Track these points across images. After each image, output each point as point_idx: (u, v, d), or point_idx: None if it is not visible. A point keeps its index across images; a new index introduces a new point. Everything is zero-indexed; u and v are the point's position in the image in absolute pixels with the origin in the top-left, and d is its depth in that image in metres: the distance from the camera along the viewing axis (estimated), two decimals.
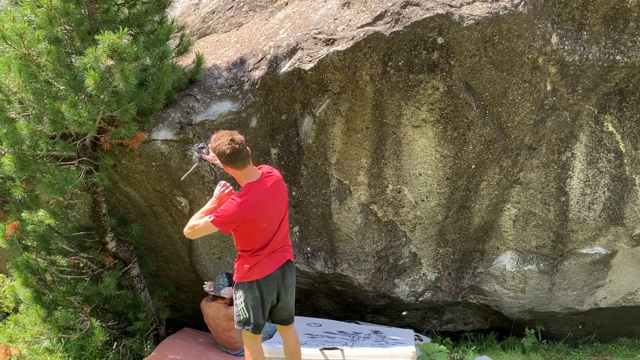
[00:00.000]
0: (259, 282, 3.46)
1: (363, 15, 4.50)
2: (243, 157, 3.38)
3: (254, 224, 3.38)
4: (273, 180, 3.51)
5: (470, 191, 5.01)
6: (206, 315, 4.89)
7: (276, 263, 3.50)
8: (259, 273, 3.45)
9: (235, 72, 4.79)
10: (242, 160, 3.39)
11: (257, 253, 3.44)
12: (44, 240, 4.70)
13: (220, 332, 4.86)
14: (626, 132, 4.99)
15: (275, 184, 3.52)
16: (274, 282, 3.50)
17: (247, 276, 3.46)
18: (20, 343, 4.59)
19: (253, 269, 3.44)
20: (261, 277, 3.45)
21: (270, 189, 3.46)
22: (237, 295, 3.54)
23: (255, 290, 3.46)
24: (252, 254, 3.45)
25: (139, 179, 4.72)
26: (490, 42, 4.43)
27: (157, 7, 4.63)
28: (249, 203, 3.34)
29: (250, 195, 3.37)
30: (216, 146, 3.38)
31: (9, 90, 4.00)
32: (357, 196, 5.01)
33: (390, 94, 4.60)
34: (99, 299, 4.78)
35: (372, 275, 5.25)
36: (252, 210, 3.34)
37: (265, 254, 3.45)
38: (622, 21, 4.67)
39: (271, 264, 3.48)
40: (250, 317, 3.48)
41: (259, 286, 3.47)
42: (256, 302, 3.47)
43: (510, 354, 5.39)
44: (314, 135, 4.87)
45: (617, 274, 5.43)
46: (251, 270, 3.44)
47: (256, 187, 3.42)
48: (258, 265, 3.45)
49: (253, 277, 3.45)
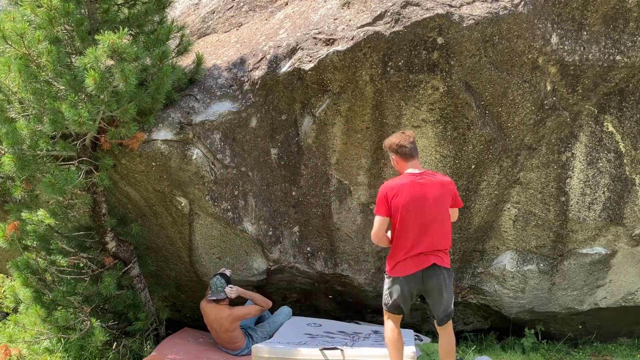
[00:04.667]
0: (399, 279, 3.67)
1: (363, 15, 4.50)
2: (411, 149, 3.69)
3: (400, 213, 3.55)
4: (433, 181, 3.66)
5: (470, 191, 5.01)
6: (207, 315, 4.89)
7: (419, 265, 3.62)
8: (398, 272, 3.66)
9: (235, 72, 4.79)
10: (410, 152, 3.69)
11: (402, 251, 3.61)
12: (44, 240, 4.69)
13: (222, 332, 4.86)
14: (626, 132, 4.99)
15: (434, 185, 3.65)
16: (417, 282, 3.65)
17: (392, 271, 3.70)
18: (20, 343, 4.59)
19: (395, 266, 3.66)
20: (402, 276, 3.65)
21: (424, 187, 3.61)
22: (384, 282, 3.82)
23: (398, 285, 3.69)
24: (398, 252, 3.63)
25: (139, 179, 4.72)
26: (490, 42, 4.43)
27: (157, 7, 4.62)
28: (391, 184, 3.62)
29: (402, 178, 3.65)
30: (388, 140, 3.76)
31: (9, 90, 4.00)
32: (357, 196, 5.01)
33: (390, 94, 4.60)
34: (99, 299, 4.77)
35: (372, 275, 5.25)
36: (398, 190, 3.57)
37: (410, 254, 3.60)
38: (622, 21, 4.67)
39: (413, 265, 3.62)
40: (391, 303, 3.75)
41: (401, 283, 3.67)
42: (398, 295, 3.70)
43: (510, 354, 5.39)
44: (314, 135, 4.87)
45: (617, 274, 5.43)
46: (394, 268, 3.67)
47: (409, 177, 3.65)
48: (400, 265, 3.64)
49: (399, 274, 3.66)
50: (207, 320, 4.94)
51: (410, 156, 3.69)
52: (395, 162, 3.76)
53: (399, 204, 3.54)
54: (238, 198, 4.85)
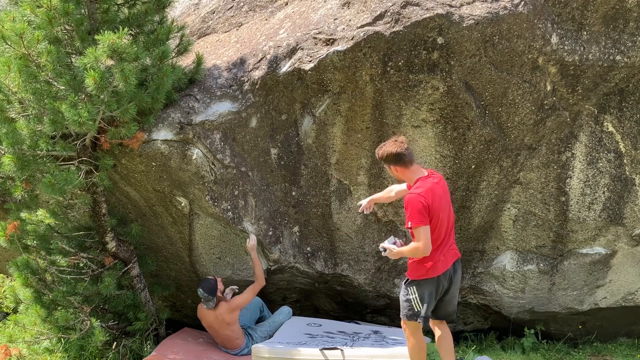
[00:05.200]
0: (435, 279, 3.68)
1: (363, 15, 4.50)
2: (409, 154, 3.68)
3: (435, 215, 3.59)
4: (440, 178, 3.76)
5: (470, 191, 5.01)
6: (205, 318, 4.92)
7: (450, 260, 3.73)
8: (437, 270, 3.67)
9: (235, 72, 4.79)
10: (410, 158, 3.68)
11: (436, 250, 3.64)
12: (44, 240, 4.70)
13: (221, 329, 4.88)
14: (626, 132, 4.99)
15: (442, 182, 3.78)
16: (447, 277, 3.75)
17: (426, 274, 3.67)
18: (20, 343, 4.59)
19: (433, 266, 3.65)
20: (439, 274, 3.67)
21: (438, 185, 3.70)
22: (409, 290, 3.74)
23: (432, 286, 3.69)
24: (434, 252, 3.63)
25: (139, 179, 4.72)
26: (490, 42, 4.43)
27: (157, 7, 4.62)
28: (422, 192, 3.57)
29: (423, 184, 3.62)
30: (383, 151, 3.69)
31: (9, 90, 4.00)
32: (357, 196, 5.01)
33: (390, 94, 4.60)
34: (99, 299, 4.78)
35: (372, 275, 5.26)
36: (430, 195, 3.57)
37: (443, 251, 3.69)
38: (622, 21, 4.67)
39: (446, 261, 3.72)
40: (422, 310, 3.70)
41: (436, 283, 3.69)
42: (431, 297, 3.71)
43: (510, 354, 5.39)
44: (314, 135, 4.87)
45: (617, 274, 5.43)
46: (432, 268, 3.66)
47: (427, 180, 3.66)
48: (438, 262, 3.66)
49: (431, 275, 3.67)
50: (205, 323, 4.96)
51: (411, 162, 3.70)
52: (396, 171, 3.72)
53: (434, 209, 3.58)
54: (238, 198, 4.85)
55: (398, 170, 3.70)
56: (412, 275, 3.73)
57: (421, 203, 3.52)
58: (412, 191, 3.63)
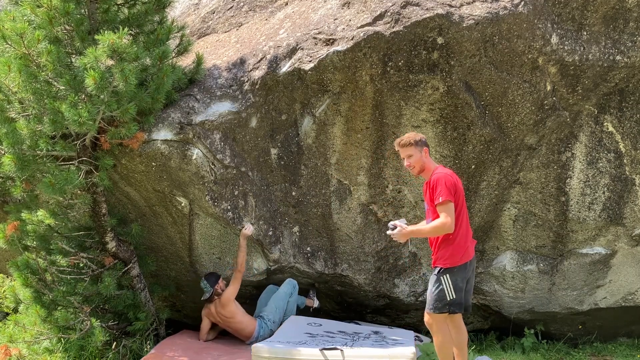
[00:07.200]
0: (467, 264, 3.73)
1: (363, 15, 4.50)
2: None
3: (460, 197, 3.68)
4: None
5: (470, 191, 5.01)
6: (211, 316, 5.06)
7: (473, 248, 3.83)
8: (469, 255, 3.73)
9: (235, 72, 4.79)
10: None
11: (466, 234, 3.73)
12: (44, 240, 4.69)
13: (226, 321, 5.01)
14: (626, 132, 4.99)
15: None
16: (470, 266, 3.79)
17: (460, 260, 3.69)
18: (20, 343, 4.58)
19: (466, 252, 3.71)
20: (470, 260, 3.74)
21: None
22: (443, 280, 3.70)
23: (464, 273, 3.72)
24: (463, 237, 3.70)
25: (139, 179, 4.72)
26: (490, 42, 4.43)
27: (157, 7, 4.63)
28: (449, 172, 3.72)
29: (447, 169, 3.77)
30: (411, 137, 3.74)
31: (9, 90, 4.00)
32: (357, 196, 5.01)
33: (390, 94, 4.60)
34: (99, 299, 4.77)
35: (372, 275, 5.25)
36: (456, 176, 3.71)
37: (470, 238, 3.78)
38: (622, 21, 4.67)
39: (472, 247, 3.81)
40: (455, 298, 3.69)
41: (468, 267, 3.74)
42: (462, 283, 3.73)
43: (510, 354, 5.39)
44: (314, 135, 4.87)
45: (617, 274, 5.43)
46: (465, 254, 3.70)
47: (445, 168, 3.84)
48: (468, 249, 3.73)
49: (464, 260, 3.71)
50: (212, 320, 5.10)
51: None
52: (426, 154, 3.77)
53: (459, 190, 3.68)
54: (238, 198, 4.85)
55: (426, 151, 3.75)
56: (447, 263, 3.68)
57: (450, 180, 3.63)
58: (438, 172, 3.70)
